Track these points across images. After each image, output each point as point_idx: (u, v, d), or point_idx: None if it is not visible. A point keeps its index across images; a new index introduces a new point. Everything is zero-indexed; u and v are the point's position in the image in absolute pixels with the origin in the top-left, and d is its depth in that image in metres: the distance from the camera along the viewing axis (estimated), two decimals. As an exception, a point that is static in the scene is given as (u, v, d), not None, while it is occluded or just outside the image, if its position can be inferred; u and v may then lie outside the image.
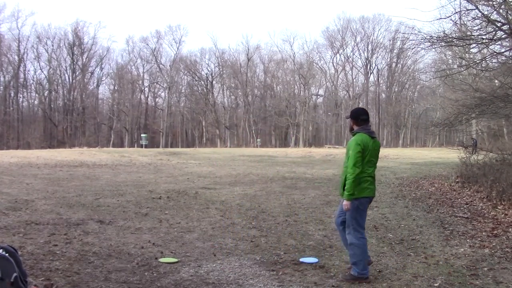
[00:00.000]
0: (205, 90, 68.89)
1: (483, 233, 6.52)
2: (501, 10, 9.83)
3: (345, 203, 4.30)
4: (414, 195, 10.77)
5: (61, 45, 62.17)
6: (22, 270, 3.37)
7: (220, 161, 23.50)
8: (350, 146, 4.33)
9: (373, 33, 65.71)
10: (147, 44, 66.50)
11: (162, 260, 4.93)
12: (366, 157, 4.29)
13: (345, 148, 4.58)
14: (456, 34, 11.17)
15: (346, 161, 4.39)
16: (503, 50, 11.45)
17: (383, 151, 37.21)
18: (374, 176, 4.44)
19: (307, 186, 12.13)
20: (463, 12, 10.53)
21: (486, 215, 7.96)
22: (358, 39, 66.54)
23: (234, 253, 5.30)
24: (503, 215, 7.78)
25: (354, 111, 4.57)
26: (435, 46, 11.94)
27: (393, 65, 66.38)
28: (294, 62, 66.67)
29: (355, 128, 4.46)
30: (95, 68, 66.16)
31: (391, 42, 63.65)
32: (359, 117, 4.46)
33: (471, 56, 14.01)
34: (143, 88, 68.43)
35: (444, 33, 10.89)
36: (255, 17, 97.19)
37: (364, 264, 4.32)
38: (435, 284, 4.25)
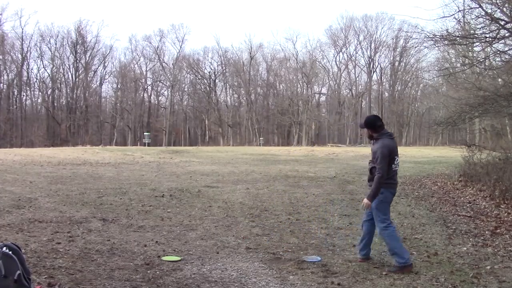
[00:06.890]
0: (208, 89, 68.81)
1: (486, 232, 6.51)
2: (504, 9, 9.81)
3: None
4: (417, 193, 10.75)
5: (64, 44, 62.12)
6: (25, 267, 3.39)
7: (223, 159, 23.52)
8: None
9: (376, 32, 65.45)
10: (150, 43, 66.39)
11: (164, 258, 4.95)
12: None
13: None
14: (459, 33, 11.15)
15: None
16: (506, 49, 11.40)
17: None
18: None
19: (310, 185, 12.13)
20: (466, 10, 10.51)
21: (489, 214, 7.94)
22: (361, 37, 66.27)
23: (237, 251, 5.31)
24: (506, 214, 7.76)
25: (369, 121, 4.92)
26: (438, 44, 11.94)
27: (396, 63, 66.06)
28: (297, 60, 66.46)
29: (375, 135, 4.86)
30: (98, 66, 66.07)
31: (394, 40, 63.24)
32: (376, 124, 4.86)
33: (474, 55, 13.98)
34: (146, 87, 68.37)
35: (447, 31, 10.88)
36: (258, 16, 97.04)
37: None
38: (438, 283, 4.25)
